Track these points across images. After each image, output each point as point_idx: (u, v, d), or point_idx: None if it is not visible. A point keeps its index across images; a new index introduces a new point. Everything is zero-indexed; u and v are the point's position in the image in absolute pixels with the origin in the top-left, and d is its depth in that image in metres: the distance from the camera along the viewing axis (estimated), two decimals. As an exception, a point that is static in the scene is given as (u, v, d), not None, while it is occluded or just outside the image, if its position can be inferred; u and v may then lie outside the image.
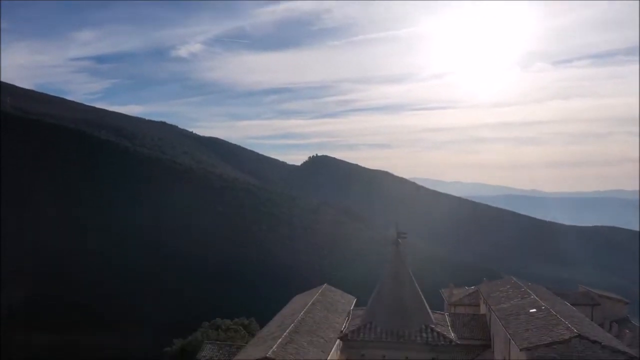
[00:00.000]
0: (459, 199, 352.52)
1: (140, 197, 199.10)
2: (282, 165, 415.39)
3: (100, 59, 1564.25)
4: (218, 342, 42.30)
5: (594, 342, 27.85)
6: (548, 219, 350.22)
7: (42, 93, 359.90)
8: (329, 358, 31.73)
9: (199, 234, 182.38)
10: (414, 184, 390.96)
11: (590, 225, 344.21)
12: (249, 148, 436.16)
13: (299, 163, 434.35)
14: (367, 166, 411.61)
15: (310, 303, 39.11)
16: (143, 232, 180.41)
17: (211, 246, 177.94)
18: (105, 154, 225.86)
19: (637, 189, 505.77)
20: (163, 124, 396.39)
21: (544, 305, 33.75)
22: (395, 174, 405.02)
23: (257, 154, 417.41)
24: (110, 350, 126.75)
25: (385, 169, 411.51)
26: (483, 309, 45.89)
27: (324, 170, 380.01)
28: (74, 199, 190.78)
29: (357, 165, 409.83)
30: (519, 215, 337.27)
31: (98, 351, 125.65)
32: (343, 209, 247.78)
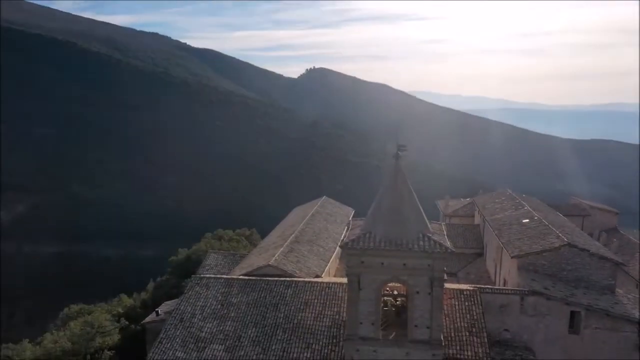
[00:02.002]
0: (458, 112, 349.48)
1: (134, 111, 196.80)
2: (279, 78, 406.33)
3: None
4: (222, 251, 44.02)
5: (583, 250, 29.21)
6: (545, 131, 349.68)
7: (26, 2, 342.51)
8: (328, 265, 33.24)
9: (195, 149, 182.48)
10: (413, 97, 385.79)
11: (589, 138, 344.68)
12: (244, 60, 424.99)
13: (295, 76, 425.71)
14: (365, 79, 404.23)
15: (310, 214, 40.30)
16: (142, 146, 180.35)
17: (208, 161, 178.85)
18: (96, 67, 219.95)
19: (638, 101, 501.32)
20: (155, 35, 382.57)
21: (536, 216, 34.90)
22: (394, 86, 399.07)
23: (253, 66, 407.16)
24: (116, 261, 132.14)
25: (384, 82, 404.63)
26: (477, 220, 47.42)
27: (322, 83, 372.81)
28: (66, 113, 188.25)
29: (354, 77, 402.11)
30: (516, 128, 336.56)
31: (103, 262, 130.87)
32: (341, 122, 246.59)
